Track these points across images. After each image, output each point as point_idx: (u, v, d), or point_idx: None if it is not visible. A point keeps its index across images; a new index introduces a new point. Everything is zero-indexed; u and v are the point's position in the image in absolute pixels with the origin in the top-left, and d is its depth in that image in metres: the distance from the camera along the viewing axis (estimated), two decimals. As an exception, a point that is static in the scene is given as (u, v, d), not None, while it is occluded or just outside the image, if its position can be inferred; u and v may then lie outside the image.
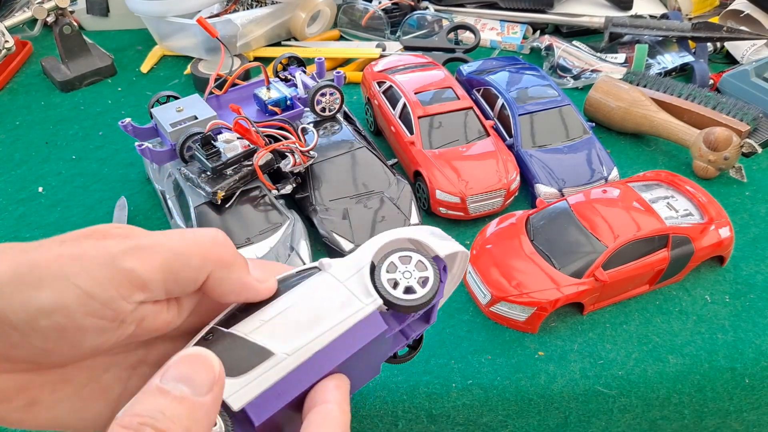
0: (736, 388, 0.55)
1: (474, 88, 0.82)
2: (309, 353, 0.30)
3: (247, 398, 0.28)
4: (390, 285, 0.32)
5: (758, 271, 0.64)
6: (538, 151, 0.72)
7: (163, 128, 0.65)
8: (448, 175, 0.67)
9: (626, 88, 0.80)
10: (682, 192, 0.65)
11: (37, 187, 0.77)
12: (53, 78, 0.94)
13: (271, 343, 0.29)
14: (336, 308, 0.31)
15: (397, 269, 0.33)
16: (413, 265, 0.33)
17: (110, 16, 1.08)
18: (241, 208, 0.63)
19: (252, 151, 0.63)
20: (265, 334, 0.30)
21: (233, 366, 0.28)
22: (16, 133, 0.86)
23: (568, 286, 0.56)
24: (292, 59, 0.78)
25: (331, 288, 0.32)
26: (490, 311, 0.58)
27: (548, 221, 0.61)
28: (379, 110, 0.78)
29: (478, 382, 0.53)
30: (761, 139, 0.79)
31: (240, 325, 0.30)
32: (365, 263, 0.33)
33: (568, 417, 0.54)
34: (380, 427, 0.53)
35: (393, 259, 0.33)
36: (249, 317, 0.31)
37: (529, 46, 1.01)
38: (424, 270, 0.33)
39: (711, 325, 0.58)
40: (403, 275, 0.32)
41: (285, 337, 0.30)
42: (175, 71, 0.99)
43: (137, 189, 0.75)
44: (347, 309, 0.31)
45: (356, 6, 1.04)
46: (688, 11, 1.06)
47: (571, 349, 0.56)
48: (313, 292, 0.32)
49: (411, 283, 0.32)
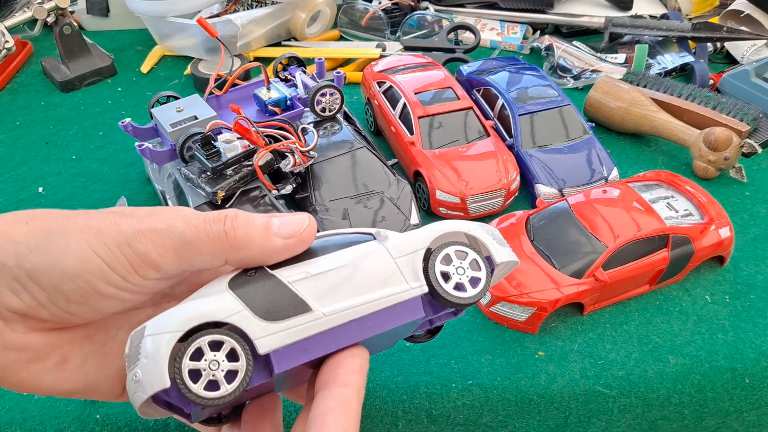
0: (736, 388, 0.55)
1: (474, 88, 0.82)
2: (344, 320, 0.30)
3: (274, 345, 0.28)
4: (442, 276, 0.32)
5: (758, 271, 0.64)
6: (538, 151, 0.72)
7: (163, 128, 0.65)
8: (448, 175, 0.67)
9: (626, 88, 0.80)
10: (682, 192, 0.65)
11: (37, 187, 0.77)
12: (53, 78, 0.94)
13: (311, 299, 0.30)
14: (381, 283, 0.31)
15: (452, 263, 0.32)
16: (468, 262, 0.33)
17: (110, 16, 1.08)
18: (241, 208, 0.62)
19: (252, 151, 0.62)
20: (308, 288, 0.30)
21: (270, 310, 0.29)
22: (17, 133, 0.86)
23: (568, 286, 0.56)
24: (292, 59, 0.78)
25: (382, 261, 0.32)
26: (490, 311, 0.58)
27: (548, 221, 0.61)
28: (379, 110, 0.78)
29: (478, 382, 0.53)
30: (761, 139, 0.79)
31: (285, 270, 0.30)
32: (421, 247, 0.33)
33: (568, 417, 0.54)
34: (380, 427, 0.53)
35: (449, 251, 0.33)
36: (295, 264, 0.31)
37: (529, 46, 1.01)
38: (478, 270, 0.33)
39: (711, 325, 0.58)
40: (456, 270, 0.32)
41: (325, 297, 0.30)
42: (175, 71, 0.99)
43: (137, 189, 0.75)
44: (392, 287, 0.31)
45: (356, 6, 1.04)
46: (688, 11, 1.06)
47: (571, 349, 0.56)
48: (363, 260, 0.32)
49: (463, 281, 0.32)
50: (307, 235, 0.31)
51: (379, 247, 0.32)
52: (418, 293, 0.31)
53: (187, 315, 0.28)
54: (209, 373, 0.27)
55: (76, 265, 0.28)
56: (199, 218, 0.30)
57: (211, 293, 0.29)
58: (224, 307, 0.29)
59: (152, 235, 0.29)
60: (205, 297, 0.29)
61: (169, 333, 0.27)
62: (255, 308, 0.29)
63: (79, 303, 0.29)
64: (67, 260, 0.28)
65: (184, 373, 0.27)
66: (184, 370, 0.27)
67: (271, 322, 0.29)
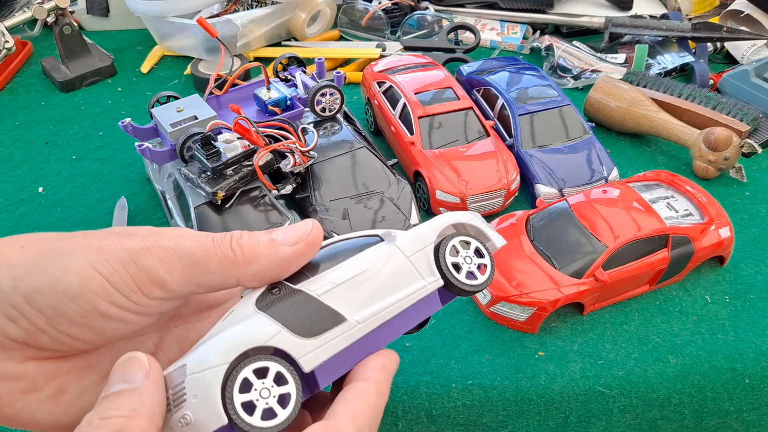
0: (736, 388, 0.55)
1: (474, 88, 0.82)
2: (377, 323, 0.30)
3: (318, 361, 0.28)
4: (454, 268, 0.33)
5: (758, 272, 0.64)
6: (538, 151, 0.72)
7: (163, 128, 0.65)
8: (448, 175, 0.67)
9: (626, 88, 0.81)
10: (682, 192, 0.65)
11: (37, 187, 0.77)
12: (53, 78, 0.94)
13: (343, 309, 0.30)
14: (402, 283, 0.32)
15: (459, 254, 0.34)
16: (472, 250, 0.34)
17: (110, 16, 1.08)
18: (241, 208, 0.63)
19: (252, 151, 0.63)
20: (337, 298, 0.30)
21: (307, 326, 0.29)
22: (16, 133, 0.86)
23: (568, 286, 0.56)
24: (292, 59, 0.78)
25: (398, 262, 0.32)
26: (490, 311, 0.58)
27: (548, 221, 0.61)
28: (379, 110, 0.78)
29: (478, 382, 0.54)
30: (761, 139, 0.79)
31: (308, 283, 0.30)
32: (430, 242, 0.33)
33: (568, 417, 0.54)
34: (380, 427, 0.53)
35: (455, 243, 0.34)
36: (316, 276, 0.31)
37: (529, 46, 1.01)
38: (482, 257, 0.35)
39: (711, 325, 0.58)
40: (464, 260, 0.34)
41: (355, 304, 0.30)
42: (175, 71, 0.99)
43: (137, 189, 0.75)
44: (413, 285, 0.32)
45: (356, 6, 1.04)
46: (688, 11, 1.06)
47: (571, 349, 0.56)
48: (381, 263, 0.32)
49: (472, 269, 0.34)
50: (313, 237, 0.31)
51: (392, 247, 0.33)
52: (435, 287, 0.33)
53: (228, 346, 0.27)
54: (263, 403, 0.26)
55: (77, 283, 0.27)
56: (207, 237, 0.29)
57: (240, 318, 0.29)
58: (262, 330, 0.28)
59: (159, 252, 0.28)
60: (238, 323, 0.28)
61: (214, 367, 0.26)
62: (292, 327, 0.28)
63: (81, 325, 0.28)
64: (68, 279, 0.27)
65: (237, 408, 0.26)
66: (237, 404, 0.26)
67: (311, 338, 0.28)
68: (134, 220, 0.71)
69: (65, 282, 0.27)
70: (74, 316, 0.27)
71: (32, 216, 0.72)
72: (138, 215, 0.72)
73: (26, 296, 0.26)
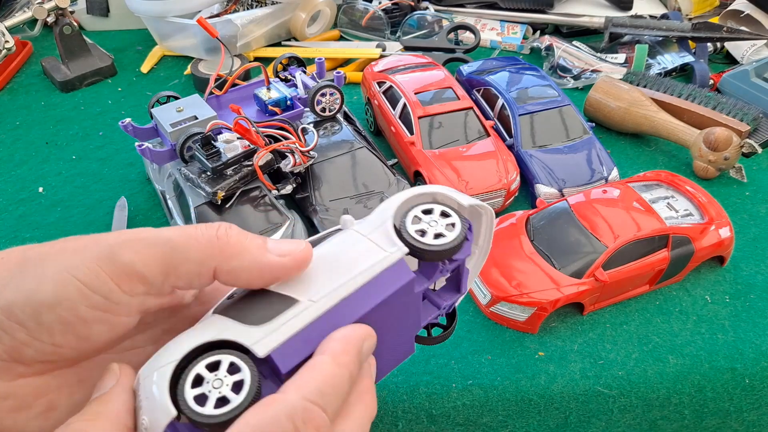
0: (736, 388, 0.55)
1: (474, 88, 0.82)
2: (335, 300, 0.29)
3: (272, 345, 0.27)
4: (417, 234, 0.32)
5: (758, 272, 0.64)
6: (538, 152, 0.72)
7: (163, 128, 0.65)
8: (448, 175, 0.67)
9: (626, 88, 0.81)
10: (682, 192, 0.65)
11: (37, 187, 0.77)
12: (53, 78, 0.94)
13: (296, 293, 0.29)
14: (361, 258, 0.31)
15: (422, 220, 0.32)
16: (437, 214, 0.33)
17: (110, 16, 1.08)
18: (241, 208, 0.63)
19: (252, 151, 0.63)
20: (289, 286, 0.29)
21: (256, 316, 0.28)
22: (16, 133, 0.86)
23: (568, 286, 0.56)
24: (292, 59, 0.78)
25: (355, 241, 0.31)
26: (491, 311, 0.58)
27: (548, 221, 0.61)
28: (379, 110, 0.78)
29: (478, 382, 0.54)
30: (761, 139, 0.79)
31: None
32: (388, 217, 0.32)
33: (568, 417, 0.54)
34: (380, 427, 0.53)
35: (416, 213, 0.33)
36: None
37: (529, 46, 1.01)
38: (449, 217, 0.33)
39: (711, 325, 0.58)
40: (429, 224, 0.32)
41: (310, 286, 0.29)
42: (175, 71, 0.99)
43: (137, 189, 0.75)
44: (373, 258, 0.31)
45: (356, 6, 1.04)
46: (688, 11, 1.06)
47: (571, 350, 0.56)
48: (336, 247, 0.31)
49: (439, 230, 0.32)
50: (303, 256, 0.30)
51: (349, 231, 0.32)
52: (399, 255, 0.31)
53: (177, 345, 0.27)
54: (215, 393, 0.26)
55: (53, 292, 0.26)
56: (191, 226, 0.29)
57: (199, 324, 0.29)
58: (213, 327, 0.28)
59: (136, 244, 0.27)
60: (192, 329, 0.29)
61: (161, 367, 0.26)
62: (242, 319, 0.28)
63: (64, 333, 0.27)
64: (43, 289, 0.26)
65: (189, 400, 0.25)
66: (189, 398, 0.26)
67: (261, 325, 0.28)
68: (134, 220, 0.71)
69: (40, 293, 0.26)
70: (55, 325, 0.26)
71: (32, 216, 0.72)
72: (138, 215, 0.72)
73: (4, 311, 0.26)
